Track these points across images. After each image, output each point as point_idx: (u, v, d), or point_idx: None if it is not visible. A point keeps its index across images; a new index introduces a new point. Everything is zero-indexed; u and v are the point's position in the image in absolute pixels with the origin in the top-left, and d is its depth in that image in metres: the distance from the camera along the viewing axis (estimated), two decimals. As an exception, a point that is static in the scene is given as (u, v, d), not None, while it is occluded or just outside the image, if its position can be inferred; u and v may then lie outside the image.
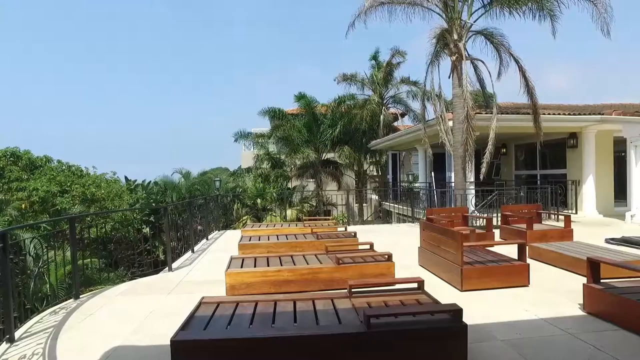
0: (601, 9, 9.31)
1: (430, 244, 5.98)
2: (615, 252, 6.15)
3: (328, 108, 20.36)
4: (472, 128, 10.70)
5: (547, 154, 14.69)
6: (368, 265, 5.26)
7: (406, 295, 3.75)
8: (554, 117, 11.55)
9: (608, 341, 3.39)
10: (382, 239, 8.34)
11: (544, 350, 3.26)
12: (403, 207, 15.38)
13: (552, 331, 3.62)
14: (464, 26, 11.06)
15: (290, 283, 5.00)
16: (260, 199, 16.72)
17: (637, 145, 11.15)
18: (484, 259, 5.34)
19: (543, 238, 7.77)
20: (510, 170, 16.45)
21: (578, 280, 5.31)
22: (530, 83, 10.63)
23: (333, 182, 21.88)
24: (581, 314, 4.07)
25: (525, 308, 4.24)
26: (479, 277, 4.95)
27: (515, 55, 10.75)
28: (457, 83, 11.11)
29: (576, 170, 12.96)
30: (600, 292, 3.98)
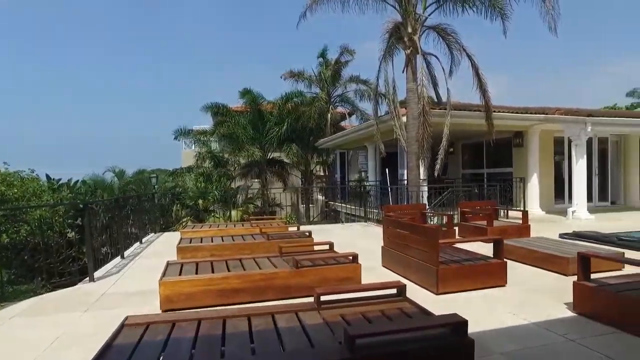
0: (549, 5, 9.39)
1: (397, 243, 5.42)
2: (579, 246, 5.97)
3: (275, 105, 19.51)
4: (428, 123, 10.43)
5: (493, 152, 14.91)
6: (331, 268, 4.57)
7: (387, 304, 3.10)
8: (504, 114, 11.62)
9: (618, 348, 2.95)
10: (337, 239, 7.67)
11: (553, 364, 2.75)
12: (352, 206, 14.93)
13: (551, 338, 3.13)
14: (418, 20, 10.78)
15: (240, 292, 4.18)
16: (202, 199, 15.50)
17: (577, 144, 11.48)
18: (458, 258, 4.85)
19: (503, 234, 7.53)
20: (458, 169, 16.60)
21: (552, 277, 5.04)
22: (483, 80, 10.55)
23: (279, 182, 21.06)
24: (571, 314, 3.65)
25: (511, 311, 3.75)
26: (455, 278, 4.44)
27: (469, 52, 10.64)
28: (411, 77, 10.80)
29: (521, 169, 13.19)
30: (594, 291, 3.58)
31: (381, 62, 11.47)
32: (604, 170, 14.37)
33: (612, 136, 14.36)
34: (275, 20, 75.46)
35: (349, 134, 15.96)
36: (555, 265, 5.23)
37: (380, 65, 11.41)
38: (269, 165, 20.03)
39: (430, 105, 10.92)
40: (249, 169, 19.91)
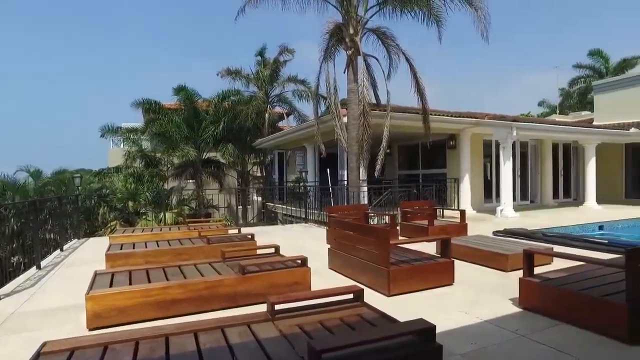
0: (481, 15, 9.90)
1: (345, 245, 5.30)
2: (514, 243, 6.27)
3: (211, 103, 18.75)
4: (369, 124, 10.52)
5: (428, 154, 15.49)
6: (279, 273, 4.33)
7: (344, 310, 2.94)
8: (440, 117, 12.06)
9: (565, 340, 3.04)
10: (279, 241, 7.43)
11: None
12: (291, 207, 14.74)
13: (505, 336, 3.16)
14: (359, 21, 10.86)
15: (181, 303, 3.80)
16: (133, 201, 14.44)
17: (504, 147, 12.24)
18: (407, 258, 4.83)
19: (443, 233, 7.77)
20: (394, 169, 17.03)
21: (494, 274, 5.20)
22: (421, 84, 10.87)
23: (215, 183, 20.31)
24: (518, 310, 3.75)
25: (463, 310, 3.78)
26: (406, 279, 4.40)
27: (407, 55, 10.90)
28: (352, 78, 10.84)
29: (455, 170, 13.81)
30: (539, 286, 3.70)
31: (322, 62, 11.41)
32: (524, 172, 15.51)
33: (531, 141, 15.54)
34: (212, 14, 72.71)
35: (288, 134, 15.75)
36: (495, 262, 5.42)
37: (321, 65, 11.35)
38: (204, 166, 19.23)
39: (371, 106, 11.05)
40: (183, 169, 18.96)
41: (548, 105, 36.37)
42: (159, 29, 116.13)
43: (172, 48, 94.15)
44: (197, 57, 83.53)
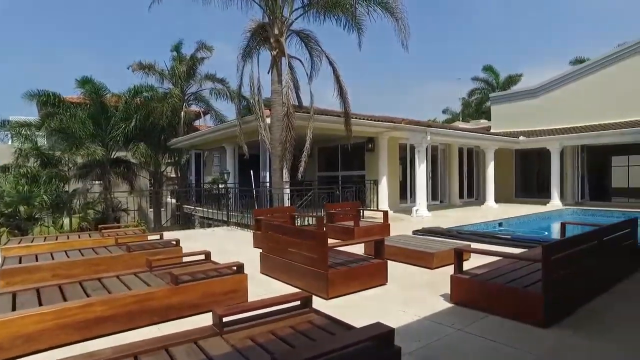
0: (401, 25, 10.43)
1: (278, 248, 5.20)
2: (435, 241, 6.68)
3: (121, 99, 17.31)
4: (292, 126, 10.48)
5: (347, 156, 15.93)
6: (214, 281, 4.09)
7: (294, 318, 2.87)
8: (360, 121, 12.44)
9: (495, 330, 3.29)
10: (203, 246, 7.11)
11: (458, 355, 2.90)
12: (209, 209, 14.18)
13: (444, 331, 3.33)
14: (285, 22, 10.79)
15: (106, 322, 3.41)
16: (26, 205, 12.76)
17: (419, 150, 13.03)
18: (342, 260, 4.88)
19: (368, 234, 8.03)
20: (314, 171, 17.24)
21: (421, 272, 5.46)
22: (344, 88, 11.10)
23: (125, 184, 18.81)
24: (451, 305, 3.98)
25: (401, 309, 3.91)
26: (343, 281, 4.44)
27: (331, 59, 11.05)
28: (277, 79, 10.74)
29: (373, 172, 14.36)
30: (468, 282, 3.96)
31: (245, 61, 11.17)
32: (434, 174, 16.68)
33: (441, 145, 16.76)
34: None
35: (207, 134, 15.14)
36: (421, 261, 5.71)
37: (244, 64, 11.11)
38: (113, 166, 17.72)
39: (294, 108, 11.04)
40: (88, 170, 17.26)
41: (451, 112, 39.70)
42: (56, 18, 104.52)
43: (67, 35, 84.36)
44: (101, 49, 76.33)
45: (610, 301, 4.06)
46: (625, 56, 16.04)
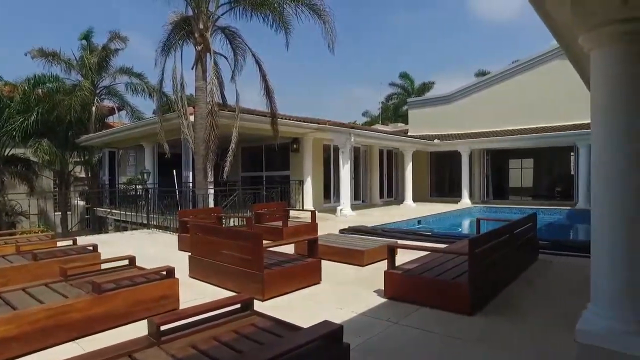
0: (328, 27, 10.61)
1: (210, 251, 5.01)
2: (364, 240, 6.91)
3: (18, 89, 15.40)
4: (217, 124, 10.18)
5: (272, 156, 15.85)
6: (143, 287, 3.83)
7: (236, 322, 2.77)
8: (286, 121, 12.44)
9: (428, 320, 3.49)
10: (124, 251, 6.63)
11: (397, 347, 3.01)
12: (126, 212, 13.23)
13: (382, 325, 3.45)
14: (210, 17, 10.42)
15: (11, 343, 2.99)
16: None
17: (343, 151, 13.38)
18: (276, 261, 4.83)
19: (297, 233, 8.05)
20: (237, 171, 16.88)
21: (353, 269, 5.60)
22: (271, 87, 11.03)
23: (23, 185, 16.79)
24: (385, 300, 4.13)
25: (338, 306, 3.98)
26: (279, 282, 4.40)
27: (257, 57, 10.91)
28: (201, 76, 10.34)
29: (298, 172, 14.46)
30: (401, 277, 4.15)
31: (167, 55, 10.63)
32: (356, 174, 17.23)
33: (363, 146, 17.37)
34: None
35: (123, 131, 14.10)
36: (352, 259, 5.86)
37: (166, 59, 10.58)
38: (8, 165, 15.74)
39: (219, 106, 10.72)
40: (-27, 169, 15.11)
41: (370, 115, 41.37)
42: None
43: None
44: None
45: (520, 288, 4.51)
46: (517, 72, 18.03)
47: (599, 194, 3.13)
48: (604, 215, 3.10)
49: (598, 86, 3.12)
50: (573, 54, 4.88)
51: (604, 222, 3.12)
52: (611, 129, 3.05)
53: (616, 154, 3.04)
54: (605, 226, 3.11)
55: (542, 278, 4.98)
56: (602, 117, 3.11)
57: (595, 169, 3.16)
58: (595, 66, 3.16)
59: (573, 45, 4.38)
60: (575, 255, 6.08)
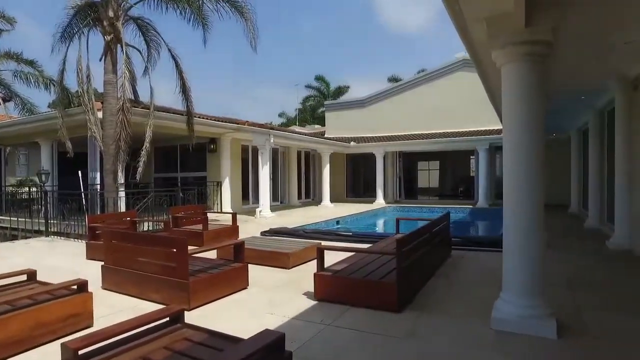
0: (250, 25, 10.39)
1: (127, 259, 4.61)
2: (286, 241, 6.90)
3: None
4: (128, 122, 9.44)
5: (188, 157, 15.15)
6: (48, 306, 3.39)
7: (166, 337, 2.59)
8: (204, 120, 11.96)
9: (358, 320, 3.58)
10: (18, 264, 5.86)
11: (334, 349, 3.04)
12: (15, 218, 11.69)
13: (316, 327, 3.46)
14: (121, 5, 9.61)
15: None
16: None
17: (263, 152, 13.25)
18: (201, 267, 4.61)
19: (218, 237, 7.79)
20: (150, 172, 15.85)
21: (280, 272, 5.56)
22: (187, 84, 10.52)
23: None
24: (315, 302, 4.15)
25: (269, 312, 3.91)
26: (205, 289, 4.20)
27: (174, 52, 10.32)
28: (111, 69, 9.51)
29: (215, 173, 13.99)
30: (330, 278, 4.20)
31: (69, 42, 9.69)
32: (275, 175, 17.16)
33: (281, 147, 17.35)
34: None
35: (14, 126, 12.42)
36: (278, 261, 5.81)
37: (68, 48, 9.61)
38: None
39: (131, 103, 9.97)
40: None
41: (287, 117, 41.54)
42: None
43: None
44: None
45: (438, 283, 4.83)
46: (425, 81, 19.43)
47: (509, 196, 3.47)
48: (513, 216, 3.44)
49: (508, 94, 3.48)
50: (482, 68, 5.36)
51: (513, 222, 3.46)
52: (519, 132, 3.42)
53: (522, 156, 3.41)
54: (514, 226, 3.45)
55: (456, 272, 5.39)
56: (511, 121, 3.47)
57: (506, 171, 3.50)
58: (505, 78, 3.52)
59: (484, 60, 4.83)
60: (483, 250, 6.70)
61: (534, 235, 3.34)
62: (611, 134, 7.85)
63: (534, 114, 3.36)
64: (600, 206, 9.37)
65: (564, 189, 14.04)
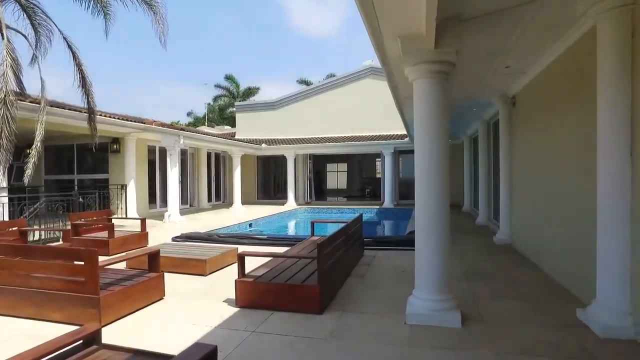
0: (159, 19, 9.79)
1: (19, 276, 4.10)
2: (201, 247, 6.70)
3: None
4: (12, 117, 8.34)
5: (86, 157, 13.86)
6: None
7: (84, 358, 2.40)
8: (107, 119, 10.99)
9: (282, 324, 3.64)
10: None
11: (260, 357, 3.05)
12: None
13: (240, 336, 3.44)
14: (1, -17, 8.46)
15: None
16: None
17: (172, 154, 12.64)
18: (113, 279, 4.30)
19: (125, 245, 7.30)
20: (39, 174, 14.17)
21: (197, 280, 5.43)
22: (88, 78, 9.63)
23: None
24: (237, 309, 4.12)
25: (190, 322, 3.79)
26: (118, 303, 3.93)
27: (69, 42, 9.35)
28: (-11, 56, 8.32)
29: (119, 175, 13.00)
30: (252, 284, 4.20)
31: None
32: (184, 177, 16.45)
33: (190, 149, 16.70)
34: None
35: None
36: (194, 268, 5.63)
37: None
38: None
39: (17, 96, 8.82)
40: None
41: (195, 116, 39.94)
42: None
43: None
44: None
45: (355, 283, 5.09)
46: (335, 86, 20.16)
47: (420, 197, 3.81)
48: (425, 216, 3.79)
49: (419, 106, 3.84)
50: (393, 81, 5.78)
51: (425, 222, 3.80)
52: (429, 138, 3.78)
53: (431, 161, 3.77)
54: (426, 226, 3.79)
55: (370, 272, 5.71)
56: (422, 129, 3.82)
57: (418, 175, 3.84)
58: (416, 91, 3.87)
59: (395, 75, 5.21)
60: (392, 249, 7.19)
61: (442, 233, 3.72)
62: (496, 142, 8.95)
63: (441, 123, 3.74)
64: (487, 206, 10.60)
65: (458, 190, 15.54)
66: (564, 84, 4.87)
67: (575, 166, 4.48)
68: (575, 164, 4.50)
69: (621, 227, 3.25)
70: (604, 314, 3.33)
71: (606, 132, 3.35)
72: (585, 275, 3.93)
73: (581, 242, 4.14)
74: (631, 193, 3.21)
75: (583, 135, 4.11)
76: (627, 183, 3.22)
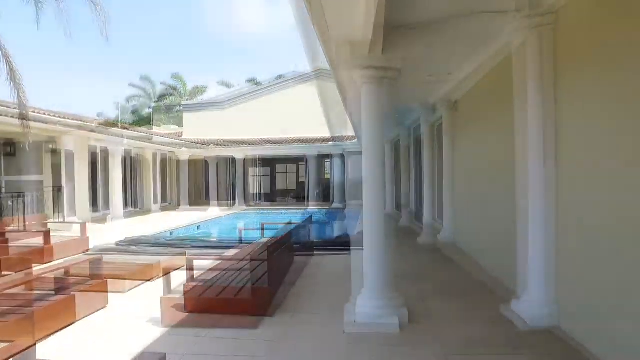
0: (100, 9, 9.29)
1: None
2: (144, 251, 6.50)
3: None
4: None
5: (16, 158, 12.86)
6: None
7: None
8: (43, 116, 10.27)
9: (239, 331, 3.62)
10: None
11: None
12: None
13: (191, 342, 3.39)
14: None
15: None
16: None
17: (115, 155, 12.09)
18: (48, 290, 4.06)
19: (64, 251, 6.90)
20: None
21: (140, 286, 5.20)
22: (18, 71, 8.96)
23: None
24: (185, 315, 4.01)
25: (138, 330, 3.68)
26: (55, 316, 3.70)
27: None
28: None
29: (55, 177, 12.19)
30: (202, 289, 4.16)
31: None
32: (128, 179, 15.73)
33: (134, 149, 15.99)
34: None
35: None
36: (140, 274, 5.43)
37: None
38: None
39: None
40: None
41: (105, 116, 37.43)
42: None
43: None
44: None
45: (304, 284, 5.14)
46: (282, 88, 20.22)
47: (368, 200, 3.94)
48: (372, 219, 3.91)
49: (366, 109, 3.98)
50: (342, 85, 5.93)
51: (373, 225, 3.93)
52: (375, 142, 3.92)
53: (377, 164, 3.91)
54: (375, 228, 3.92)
55: (319, 273, 5.77)
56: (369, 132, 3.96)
57: (365, 177, 3.96)
58: (364, 96, 4.01)
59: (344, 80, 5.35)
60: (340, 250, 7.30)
61: (385, 235, 3.87)
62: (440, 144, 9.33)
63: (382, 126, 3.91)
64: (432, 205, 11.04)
65: (404, 190, 16.05)
66: (495, 93, 5.24)
67: (503, 168, 4.81)
68: (503, 166, 4.84)
69: (543, 227, 3.55)
70: (529, 306, 3.61)
71: (523, 136, 3.69)
72: (516, 270, 4.24)
73: (511, 240, 4.45)
74: (555, 195, 3.52)
75: (510, 140, 4.44)
76: (549, 184, 3.53)
